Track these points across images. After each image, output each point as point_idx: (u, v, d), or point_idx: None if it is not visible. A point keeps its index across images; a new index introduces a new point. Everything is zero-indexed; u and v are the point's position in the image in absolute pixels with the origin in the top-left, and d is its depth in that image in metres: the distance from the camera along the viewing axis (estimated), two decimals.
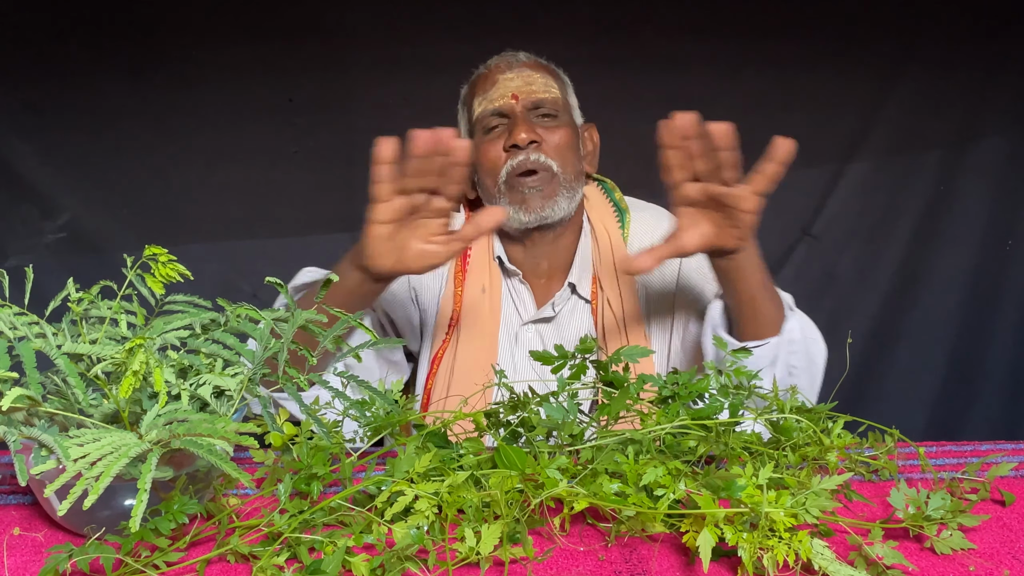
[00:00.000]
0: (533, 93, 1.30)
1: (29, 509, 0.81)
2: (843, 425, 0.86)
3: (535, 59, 1.36)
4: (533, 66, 1.33)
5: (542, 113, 1.30)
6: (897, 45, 1.92)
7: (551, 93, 1.32)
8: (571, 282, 1.35)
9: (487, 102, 1.31)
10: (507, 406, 0.89)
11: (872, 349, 2.01)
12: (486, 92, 1.32)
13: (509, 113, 1.29)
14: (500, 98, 1.30)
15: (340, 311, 0.87)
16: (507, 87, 1.30)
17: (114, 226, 1.81)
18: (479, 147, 1.31)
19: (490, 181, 1.31)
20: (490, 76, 1.33)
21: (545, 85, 1.32)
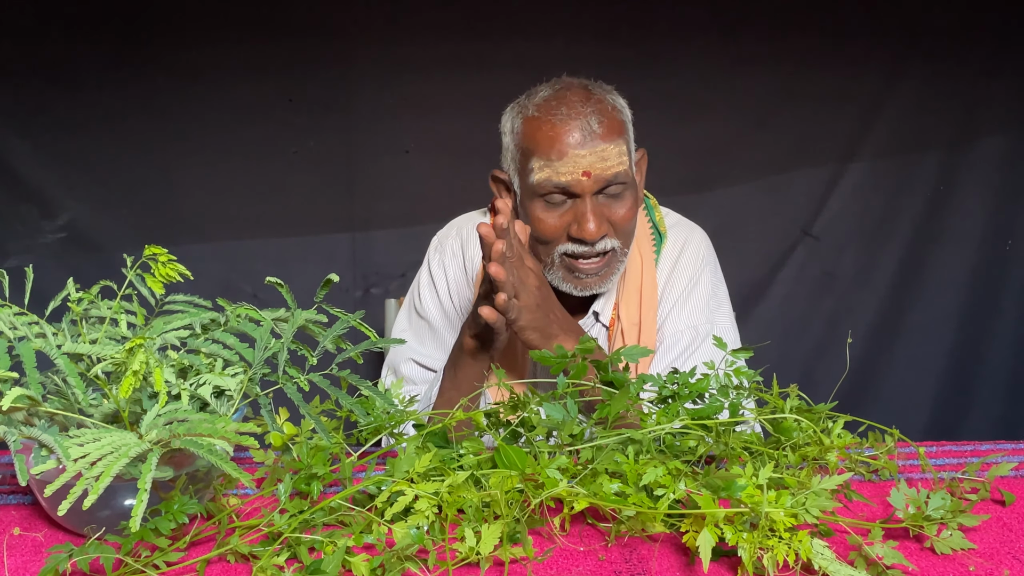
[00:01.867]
0: (607, 170, 1.17)
1: (29, 509, 0.81)
2: (843, 425, 0.86)
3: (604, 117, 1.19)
4: (606, 136, 1.18)
5: (611, 193, 1.19)
6: (897, 45, 1.92)
7: (622, 165, 1.19)
8: (595, 311, 1.31)
9: (552, 172, 1.17)
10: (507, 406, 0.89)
11: (872, 349, 2.01)
12: (550, 160, 1.17)
13: (578, 192, 1.17)
14: (570, 174, 1.16)
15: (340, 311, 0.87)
16: (578, 164, 1.16)
17: (114, 226, 1.81)
18: (534, 211, 1.21)
19: (542, 249, 1.23)
20: (558, 140, 1.17)
21: (618, 156, 1.18)
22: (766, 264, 1.98)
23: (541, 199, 1.20)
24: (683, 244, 1.35)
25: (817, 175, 1.96)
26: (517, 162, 1.24)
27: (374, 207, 1.87)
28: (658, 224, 1.36)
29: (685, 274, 1.31)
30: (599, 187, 1.17)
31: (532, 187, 1.20)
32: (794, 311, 1.99)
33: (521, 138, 1.22)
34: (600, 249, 1.20)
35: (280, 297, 0.83)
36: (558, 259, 1.22)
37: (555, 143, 1.17)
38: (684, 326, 1.28)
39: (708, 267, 1.33)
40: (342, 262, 1.87)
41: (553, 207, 1.20)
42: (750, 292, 1.98)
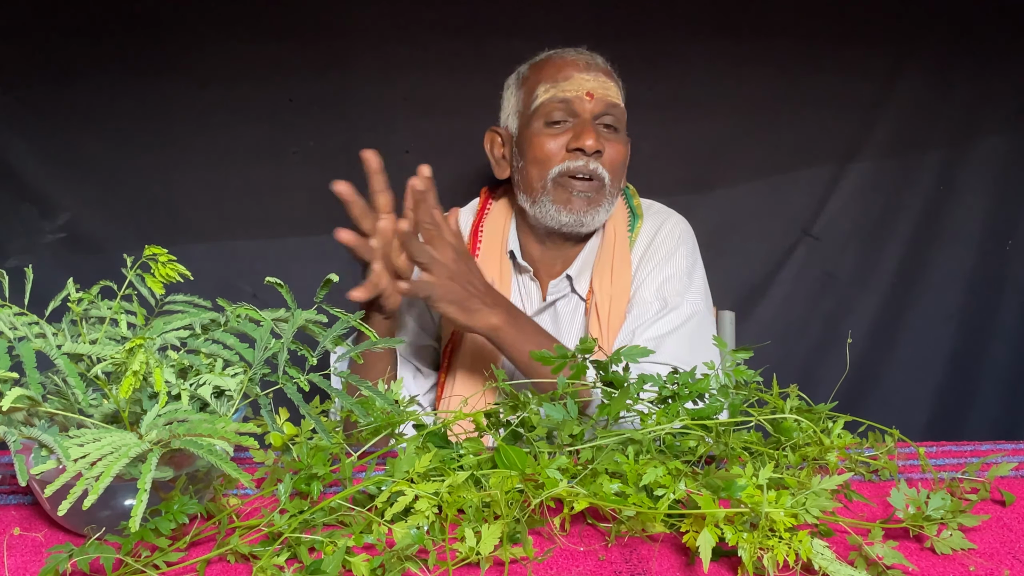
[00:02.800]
0: (608, 97, 1.28)
1: (29, 509, 0.81)
2: (843, 425, 0.86)
3: (608, 66, 1.34)
4: (608, 73, 1.32)
5: (608, 123, 1.29)
6: (897, 45, 1.92)
7: (620, 104, 1.31)
8: (569, 274, 1.35)
9: (558, 91, 1.27)
10: (507, 406, 0.89)
11: (872, 349, 2.01)
12: (557, 82, 1.28)
13: (580, 111, 1.27)
14: (574, 92, 1.27)
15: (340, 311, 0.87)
16: (583, 84, 1.27)
17: (114, 226, 1.81)
18: (535, 135, 1.29)
19: (537, 173, 1.29)
20: (564, 67, 1.29)
21: (617, 95, 1.31)
22: (766, 264, 1.98)
23: (544, 123, 1.28)
24: (659, 224, 1.39)
25: (817, 175, 1.96)
26: (521, 101, 1.34)
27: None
28: (635, 208, 1.41)
29: (662, 249, 1.35)
30: (599, 110, 1.27)
31: (536, 110, 1.29)
32: (794, 311, 1.99)
33: (527, 78, 1.33)
34: (592, 170, 1.26)
35: (280, 297, 0.83)
36: (551, 183, 1.28)
37: (562, 69, 1.28)
38: (653, 296, 1.31)
39: (685, 246, 1.37)
40: (342, 262, 1.86)
41: (554, 127, 1.28)
42: (750, 292, 1.98)
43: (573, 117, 1.27)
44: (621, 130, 1.31)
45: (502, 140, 1.38)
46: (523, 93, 1.33)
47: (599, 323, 1.31)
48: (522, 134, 1.32)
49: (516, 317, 1.16)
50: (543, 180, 1.28)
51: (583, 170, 1.26)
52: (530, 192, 1.30)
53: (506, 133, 1.37)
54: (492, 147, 1.40)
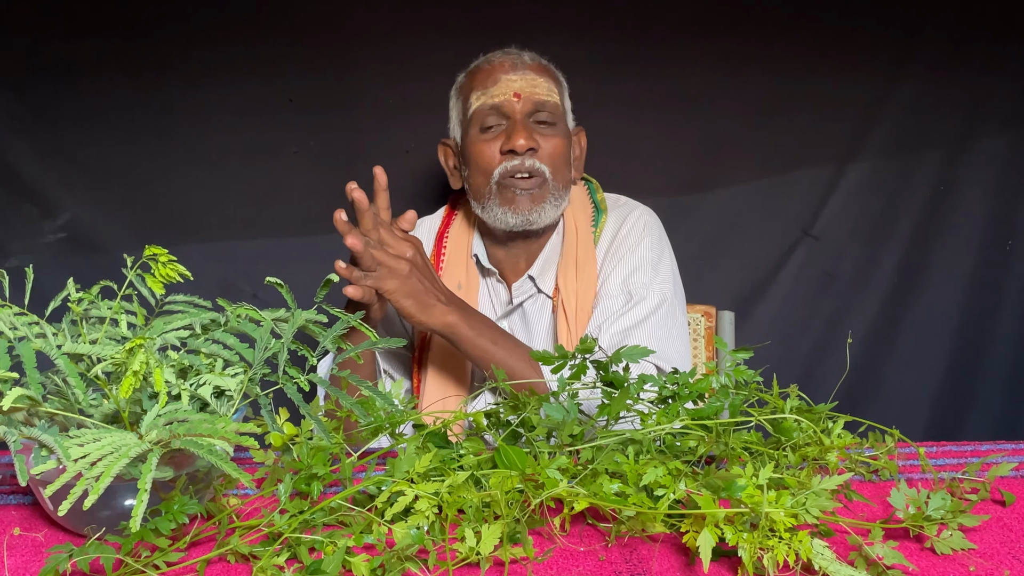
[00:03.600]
0: (536, 95, 1.29)
1: (29, 509, 0.81)
2: (843, 425, 0.86)
3: (539, 60, 1.35)
4: (537, 68, 1.32)
5: (541, 119, 1.30)
6: (897, 45, 1.92)
7: (552, 97, 1.31)
8: (531, 275, 1.36)
9: (487, 97, 1.30)
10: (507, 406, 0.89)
11: (872, 349, 2.01)
12: (486, 88, 1.30)
13: (509, 113, 1.29)
14: (501, 95, 1.29)
15: (340, 311, 0.87)
16: (510, 86, 1.29)
17: (114, 226, 1.81)
18: (473, 143, 1.31)
19: (481, 179, 1.31)
20: (492, 72, 1.31)
21: (547, 89, 1.31)
22: (766, 264, 1.98)
23: (479, 130, 1.30)
24: (624, 217, 1.39)
25: (817, 175, 1.96)
26: (460, 111, 1.36)
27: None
28: (599, 203, 1.42)
29: (627, 241, 1.35)
30: (529, 109, 1.29)
31: (471, 118, 1.31)
32: (794, 311, 1.99)
33: (462, 87, 1.36)
34: (530, 166, 1.27)
35: (280, 297, 0.83)
36: (495, 187, 1.29)
37: (491, 74, 1.31)
38: (618, 289, 1.31)
39: (650, 236, 1.36)
40: None
41: (489, 133, 1.30)
42: (750, 292, 1.98)
43: (505, 119, 1.29)
44: (559, 123, 1.32)
45: (452, 151, 1.40)
46: (461, 103, 1.36)
47: (567, 320, 1.32)
48: (464, 143, 1.35)
49: (471, 316, 1.18)
50: (488, 185, 1.30)
51: (520, 169, 1.27)
52: (479, 198, 1.33)
53: (454, 143, 1.40)
54: (445, 159, 1.43)
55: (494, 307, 1.40)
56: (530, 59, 1.34)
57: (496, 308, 1.40)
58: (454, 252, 1.42)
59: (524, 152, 1.27)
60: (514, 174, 1.28)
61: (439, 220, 1.49)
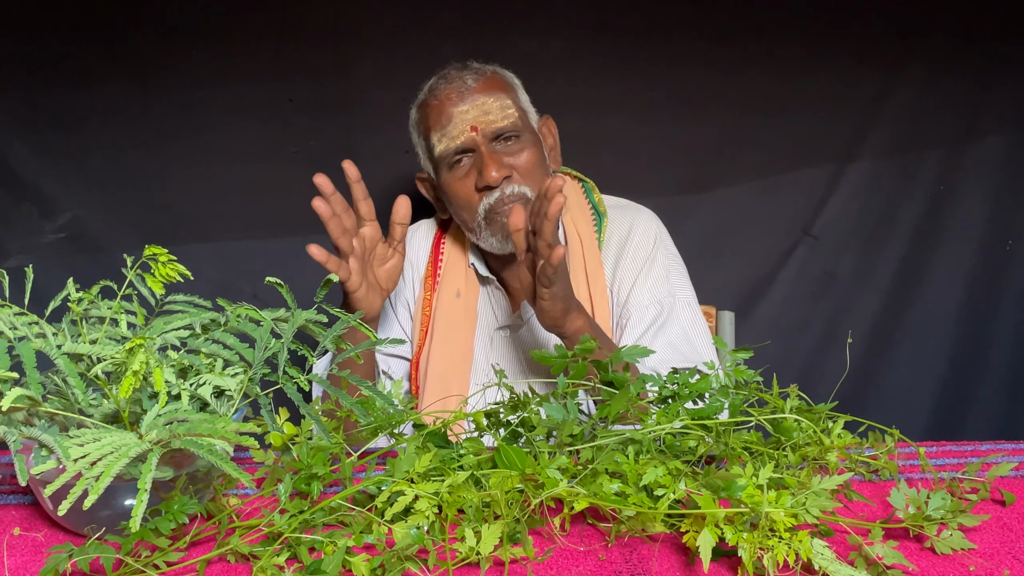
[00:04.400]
0: (492, 123, 1.26)
1: (29, 509, 0.81)
2: (843, 425, 0.86)
3: (481, 78, 1.30)
4: (483, 89, 1.28)
5: (505, 138, 1.28)
6: (897, 45, 1.92)
7: (508, 116, 1.28)
8: None
9: (447, 140, 1.28)
10: (507, 406, 0.89)
11: (872, 349, 2.00)
12: (443, 128, 1.28)
13: (472, 147, 1.27)
14: (460, 135, 1.27)
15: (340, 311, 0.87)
16: (464, 120, 1.26)
17: (114, 226, 1.81)
18: (449, 185, 1.31)
19: (467, 215, 1.31)
20: (443, 109, 1.28)
21: (501, 109, 1.28)
22: (766, 264, 1.98)
23: (449, 170, 1.30)
24: (631, 223, 1.38)
25: (817, 175, 1.96)
26: (425, 150, 1.35)
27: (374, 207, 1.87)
28: (597, 205, 1.41)
29: (640, 253, 1.35)
30: (490, 138, 1.27)
31: (438, 161, 1.31)
32: (794, 311, 1.99)
33: (419, 125, 1.35)
34: (511, 193, 1.27)
35: (280, 297, 0.83)
36: (483, 221, 1.29)
37: (441, 111, 1.28)
38: (648, 300, 1.31)
39: (662, 246, 1.37)
40: None
41: (460, 170, 1.29)
42: (750, 292, 1.98)
43: (471, 151, 1.28)
44: (524, 134, 1.30)
45: (430, 183, 1.40)
46: (423, 141, 1.35)
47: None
48: (439, 183, 1.34)
49: (593, 323, 1.17)
50: (475, 220, 1.30)
51: (503, 200, 1.26)
52: (470, 230, 1.33)
53: (429, 178, 1.40)
54: (427, 192, 1.43)
55: (495, 314, 1.39)
56: (473, 80, 1.29)
57: (497, 315, 1.39)
58: (451, 259, 1.41)
59: (500, 183, 1.26)
60: (497, 207, 1.27)
61: (435, 225, 1.48)
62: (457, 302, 1.37)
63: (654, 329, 1.27)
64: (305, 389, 0.79)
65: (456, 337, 1.35)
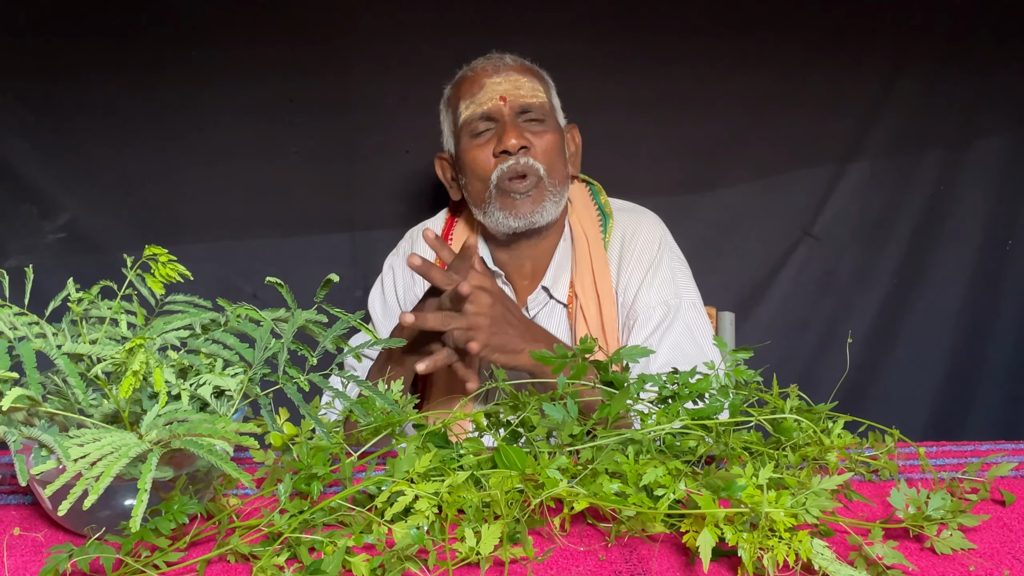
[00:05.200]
0: (521, 97, 1.30)
1: (29, 509, 0.81)
2: (843, 425, 0.86)
3: (520, 61, 1.36)
4: (519, 69, 1.33)
5: (530, 118, 1.31)
6: (897, 45, 1.92)
7: (538, 97, 1.32)
8: (544, 286, 1.36)
9: (475, 105, 1.31)
10: (507, 406, 0.89)
11: (872, 349, 2.01)
12: (473, 95, 1.31)
13: (497, 117, 1.30)
14: (488, 101, 1.30)
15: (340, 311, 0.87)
16: (495, 90, 1.30)
17: (114, 226, 1.81)
18: (467, 151, 1.32)
19: (480, 186, 1.32)
20: (476, 79, 1.32)
21: (532, 89, 1.32)
22: (766, 264, 1.98)
23: (471, 137, 1.32)
24: (636, 226, 1.39)
25: (817, 175, 1.96)
26: (451, 122, 1.37)
27: (374, 207, 1.87)
28: (603, 207, 1.42)
29: (645, 255, 1.36)
30: (516, 109, 1.30)
31: (462, 128, 1.33)
32: (794, 311, 1.99)
33: (450, 99, 1.38)
34: (525, 164, 1.28)
35: (280, 297, 0.83)
36: (495, 191, 1.30)
37: (475, 82, 1.32)
38: (656, 301, 1.32)
39: (666, 249, 1.38)
40: (342, 262, 1.87)
41: (481, 138, 1.31)
42: (750, 292, 1.98)
43: (495, 123, 1.31)
44: (548, 120, 1.33)
45: (448, 163, 1.41)
46: (451, 114, 1.37)
47: (587, 325, 1.32)
48: (458, 152, 1.36)
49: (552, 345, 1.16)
50: (487, 191, 1.31)
51: (516, 169, 1.28)
52: (479, 204, 1.34)
53: (449, 156, 1.41)
54: (443, 172, 1.44)
55: None
56: (512, 60, 1.34)
57: None
58: None
59: (517, 151, 1.27)
60: (511, 176, 1.28)
61: (442, 223, 1.49)
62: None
63: (660, 331, 1.28)
64: (305, 389, 0.79)
65: None
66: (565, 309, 1.36)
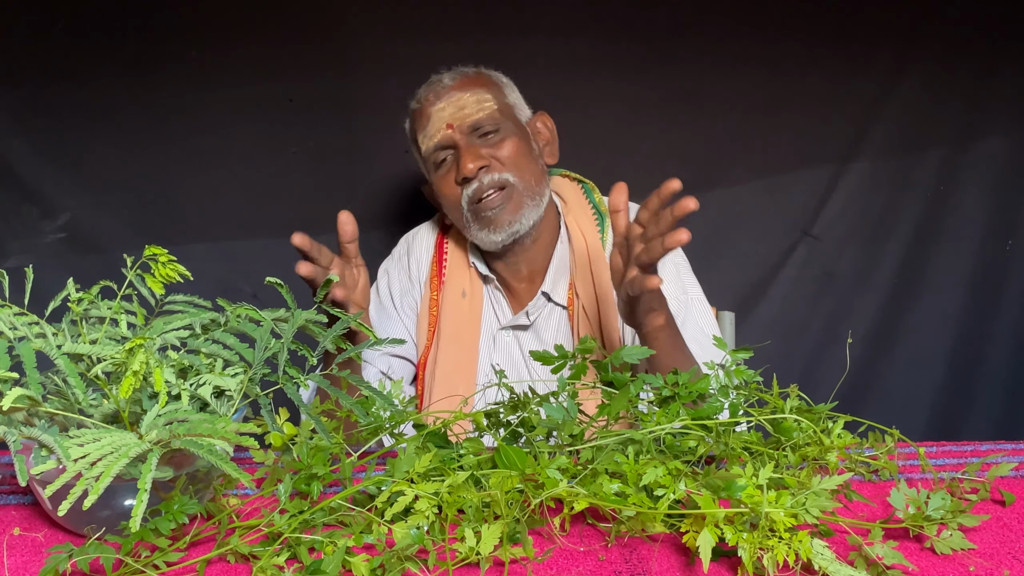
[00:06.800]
0: (467, 117, 1.29)
1: (29, 509, 0.81)
2: (843, 425, 0.86)
3: (462, 75, 1.33)
4: (460, 86, 1.31)
5: (483, 132, 1.29)
6: (897, 45, 1.92)
7: (485, 108, 1.30)
8: (544, 291, 1.35)
9: (427, 139, 1.31)
10: (507, 406, 0.89)
11: (872, 349, 2.01)
12: (424, 129, 1.32)
13: (450, 144, 1.29)
14: (437, 133, 1.29)
15: (340, 311, 0.87)
16: (440, 118, 1.29)
17: (114, 226, 1.81)
18: (436, 185, 1.34)
19: (456, 213, 1.33)
20: (423, 111, 1.32)
21: (477, 103, 1.29)
22: (766, 264, 1.98)
23: (435, 169, 1.33)
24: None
25: (817, 175, 1.96)
26: (419, 155, 1.38)
27: (374, 207, 1.87)
28: (598, 205, 1.41)
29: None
30: (466, 133, 1.29)
31: (425, 163, 1.34)
32: (794, 311, 1.99)
33: (411, 133, 1.38)
34: (489, 182, 1.27)
35: (280, 297, 0.83)
36: (469, 215, 1.30)
37: (423, 114, 1.32)
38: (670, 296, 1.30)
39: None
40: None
41: (443, 168, 1.32)
42: (750, 292, 1.98)
43: (452, 149, 1.30)
44: (504, 126, 1.30)
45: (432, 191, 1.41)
46: (415, 146, 1.38)
47: (590, 327, 1.31)
48: (432, 185, 1.37)
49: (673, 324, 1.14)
50: (463, 216, 1.31)
51: (481, 190, 1.28)
52: (461, 228, 1.35)
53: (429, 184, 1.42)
54: (431, 199, 1.44)
55: (496, 315, 1.39)
56: (451, 79, 1.32)
57: (499, 316, 1.39)
58: (455, 259, 1.41)
59: (477, 174, 1.27)
60: (479, 199, 1.28)
61: (437, 227, 1.49)
62: (463, 302, 1.37)
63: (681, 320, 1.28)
64: (305, 389, 0.79)
65: (462, 337, 1.35)
66: (565, 312, 1.36)
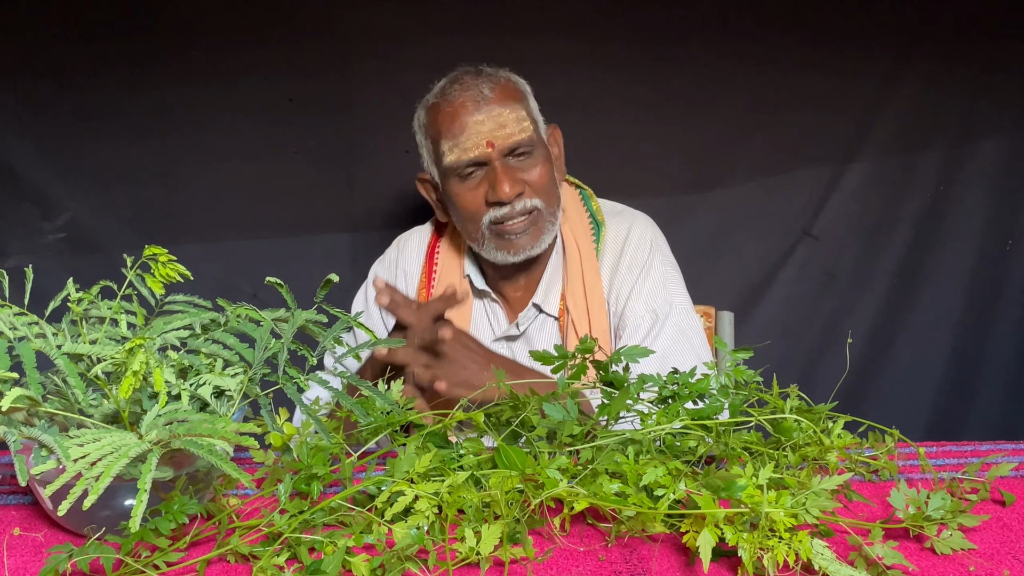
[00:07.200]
0: (509, 137, 1.23)
1: (29, 509, 0.81)
2: (843, 425, 0.86)
3: (498, 83, 1.27)
4: (500, 99, 1.24)
5: (519, 153, 1.26)
6: (897, 45, 1.92)
7: (524, 129, 1.25)
8: (535, 303, 1.35)
9: (459, 151, 1.24)
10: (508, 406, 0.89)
11: (872, 349, 2.01)
12: (455, 137, 1.24)
13: (487, 161, 1.24)
14: (474, 148, 1.23)
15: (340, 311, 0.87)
16: (479, 132, 1.23)
17: (114, 226, 1.81)
18: (456, 194, 1.28)
19: (471, 226, 1.29)
20: (456, 116, 1.24)
21: (517, 121, 1.24)
22: (766, 264, 1.98)
23: (459, 179, 1.27)
24: (627, 231, 1.37)
25: (817, 175, 1.96)
26: (431, 153, 1.33)
27: (374, 207, 1.87)
28: (595, 214, 1.39)
29: (636, 260, 1.34)
30: (504, 153, 1.24)
31: (447, 170, 1.28)
32: (794, 311, 1.99)
33: (427, 128, 1.32)
34: (521, 208, 1.25)
35: (280, 297, 0.83)
36: (487, 230, 1.28)
37: (455, 119, 1.24)
38: (644, 310, 1.31)
39: (657, 252, 1.36)
40: (342, 262, 1.87)
41: (469, 181, 1.27)
42: (750, 292, 1.98)
43: (483, 165, 1.25)
44: (537, 148, 1.27)
45: (432, 186, 1.37)
46: (430, 144, 1.32)
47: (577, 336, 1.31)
48: (444, 188, 1.32)
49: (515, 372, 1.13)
50: (479, 231, 1.28)
51: (511, 215, 1.25)
52: (472, 240, 1.32)
53: (431, 179, 1.37)
54: (427, 193, 1.40)
55: (492, 327, 1.39)
56: (490, 89, 1.25)
57: (494, 328, 1.39)
58: (446, 268, 1.40)
59: (512, 199, 1.24)
60: (504, 221, 1.26)
61: (428, 233, 1.47)
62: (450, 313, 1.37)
63: (650, 338, 1.27)
64: (305, 389, 0.79)
65: None
66: (556, 322, 1.35)
